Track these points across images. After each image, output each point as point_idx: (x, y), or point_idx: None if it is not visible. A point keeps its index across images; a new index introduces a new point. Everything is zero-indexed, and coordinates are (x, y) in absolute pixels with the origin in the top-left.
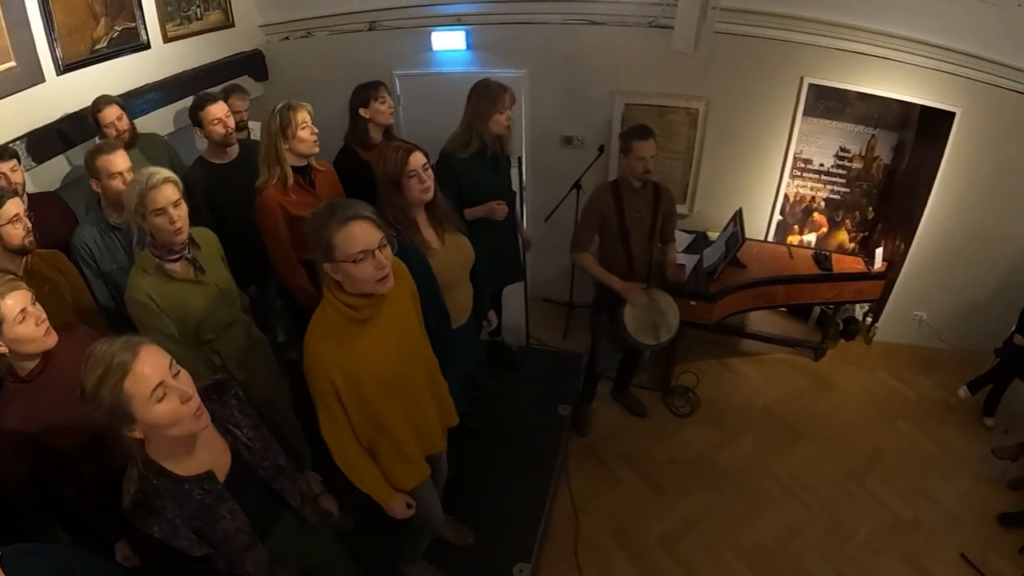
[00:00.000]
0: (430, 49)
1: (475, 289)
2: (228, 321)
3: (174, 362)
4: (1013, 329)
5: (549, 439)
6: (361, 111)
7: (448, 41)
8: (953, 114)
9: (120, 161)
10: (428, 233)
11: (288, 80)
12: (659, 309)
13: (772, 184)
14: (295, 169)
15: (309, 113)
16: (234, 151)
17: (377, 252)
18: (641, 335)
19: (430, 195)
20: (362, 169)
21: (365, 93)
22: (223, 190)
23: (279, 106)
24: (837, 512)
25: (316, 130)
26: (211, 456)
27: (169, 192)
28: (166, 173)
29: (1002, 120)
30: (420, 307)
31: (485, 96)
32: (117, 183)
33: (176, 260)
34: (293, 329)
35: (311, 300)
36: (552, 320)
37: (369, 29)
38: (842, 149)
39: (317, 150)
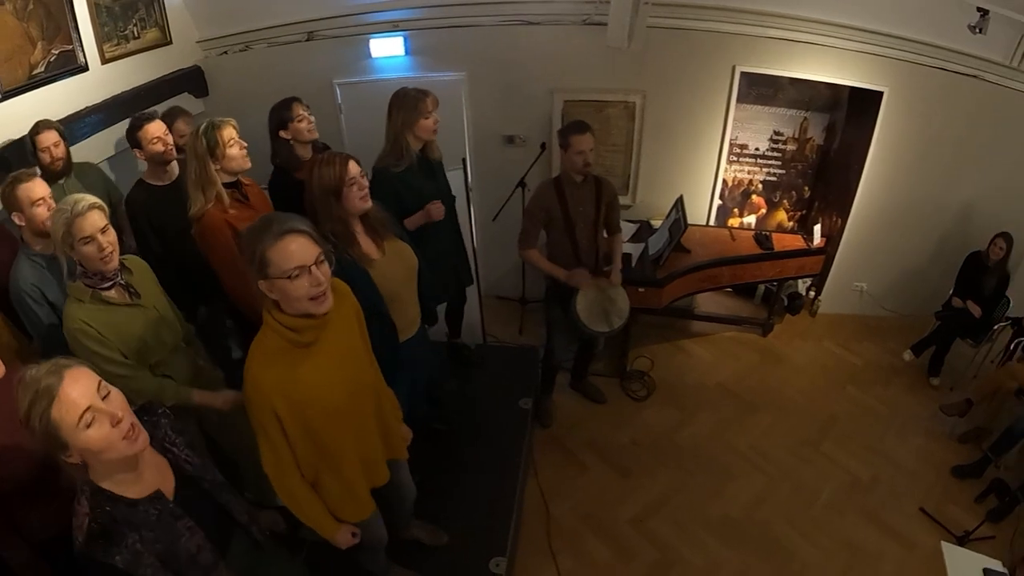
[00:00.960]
0: (369, 56)
1: (423, 296)
2: (172, 344)
3: (103, 383)
4: (951, 292)
5: (513, 433)
6: (282, 133)
7: (386, 47)
8: (881, 93)
9: (40, 188)
10: (367, 244)
11: (228, 95)
12: (609, 297)
13: (710, 170)
14: (227, 186)
15: (235, 128)
16: (174, 171)
17: (314, 268)
18: (594, 323)
19: (368, 203)
20: (298, 190)
21: (281, 115)
22: (165, 211)
23: (202, 127)
24: (798, 478)
25: (245, 144)
26: (156, 476)
27: (96, 219)
28: (91, 199)
29: (927, 96)
30: (366, 330)
31: (406, 105)
32: (42, 210)
33: (110, 287)
34: (248, 346)
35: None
36: (506, 316)
37: (307, 39)
38: (776, 133)
39: (249, 164)
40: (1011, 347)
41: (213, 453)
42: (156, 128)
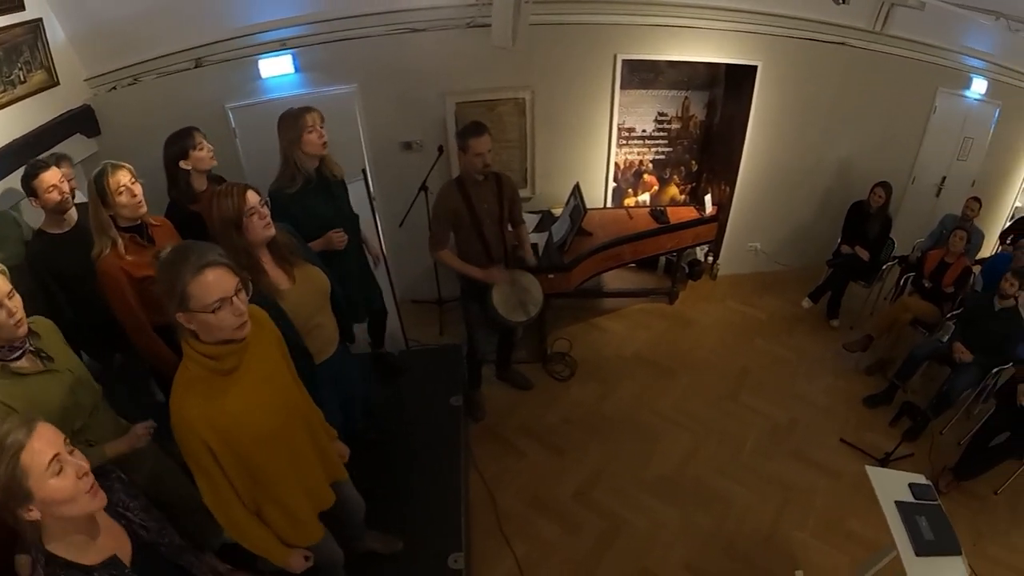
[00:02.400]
0: (259, 77)
1: (339, 314)
2: (91, 405)
3: (68, 440)
4: (839, 241)
5: (448, 431)
6: (182, 163)
7: (276, 67)
8: (755, 67)
9: None
10: (275, 273)
11: (121, 131)
12: (522, 287)
13: (602, 156)
14: (130, 228)
15: (129, 172)
16: (72, 218)
17: (235, 299)
18: (511, 314)
19: (272, 231)
20: (194, 223)
21: (180, 144)
22: (67, 260)
23: (95, 172)
24: (722, 430)
25: (137, 191)
26: (111, 541)
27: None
28: None
29: (799, 66)
30: (288, 353)
31: (288, 123)
32: None
33: (19, 356)
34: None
35: (171, 367)
36: (425, 319)
37: (196, 66)
38: (660, 114)
39: (143, 210)
40: (900, 283)
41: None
42: (52, 176)
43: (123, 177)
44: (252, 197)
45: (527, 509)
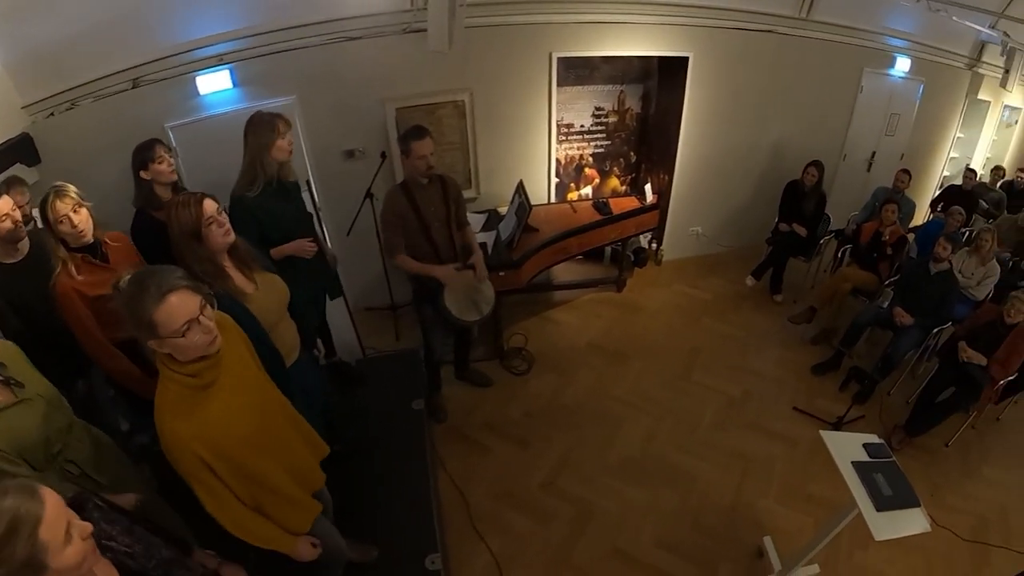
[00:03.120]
0: (198, 94)
1: (297, 322)
2: (67, 424)
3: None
4: (777, 220)
5: (413, 435)
6: (142, 174)
7: (214, 83)
8: (686, 59)
9: None
10: (238, 278)
11: (62, 157)
12: (474, 286)
13: (543, 152)
14: (84, 248)
15: (72, 198)
16: (25, 246)
17: (201, 318)
18: (465, 314)
19: (232, 237)
20: (162, 230)
21: (142, 155)
22: (23, 289)
23: (43, 197)
24: (679, 409)
25: (79, 219)
26: None
27: None
28: None
29: (729, 55)
30: (255, 352)
31: (261, 126)
32: None
33: None
34: (133, 415)
35: (138, 383)
36: (380, 326)
37: (133, 87)
38: (597, 108)
39: (88, 238)
40: (838, 255)
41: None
42: (4, 205)
43: (63, 206)
44: (210, 206)
45: (498, 504)
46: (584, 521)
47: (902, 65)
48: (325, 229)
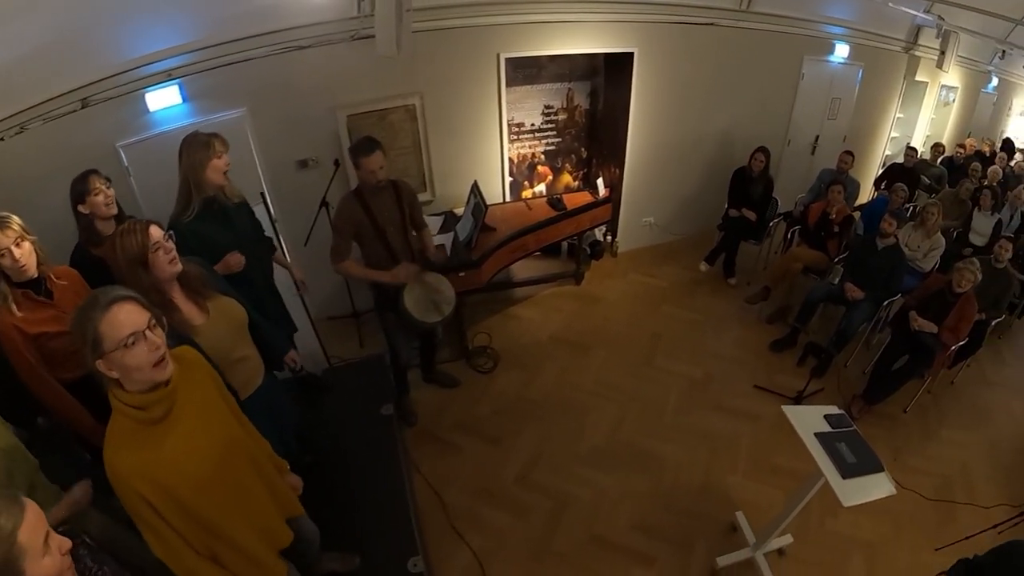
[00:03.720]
0: (147, 111)
1: (262, 341)
2: (27, 484)
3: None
4: (727, 206)
5: (385, 441)
6: (80, 208)
7: (163, 99)
8: (632, 54)
9: None
10: (188, 309)
11: (12, 183)
12: (433, 288)
13: (496, 153)
14: (27, 283)
15: (15, 231)
16: None
17: (148, 333)
18: (426, 315)
19: (178, 266)
20: (97, 268)
21: (77, 188)
22: None
23: None
24: (644, 396)
25: (20, 252)
26: None
27: None
28: None
29: (672, 49)
30: (225, 388)
31: (195, 146)
32: None
33: None
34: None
35: (85, 427)
36: (344, 334)
37: (83, 107)
38: (546, 107)
39: (32, 273)
40: (788, 237)
41: None
42: None
43: (5, 239)
44: (155, 232)
45: (474, 502)
46: (560, 511)
47: (841, 51)
48: (283, 243)
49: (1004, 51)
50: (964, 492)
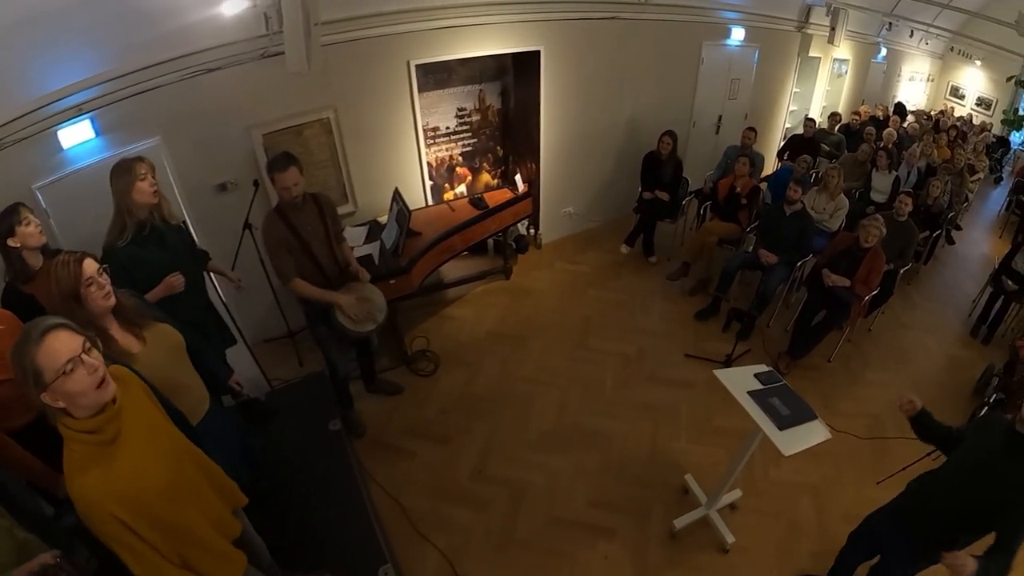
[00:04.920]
0: (61, 149)
1: (204, 368)
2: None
3: None
4: (640, 189)
5: (336, 456)
6: (10, 242)
7: (76, 135)
8: (538, 52)
9: None
10: (125, 339)
11: None
12: (364, 297)
13: (414, 158)
14: None
15: None
16: None
17: (85, 356)
18: (361, 326)
19: (112, 300)
20: (30, 306)
21: (7, 220)
22: None
23: None
24: (583, 377)
25: None
26: None
27: None
28: None
29: (578, 44)
30: (157, 401)
31: (120, 172)
32: None
33: None
34: (54, 498)
35: (39, 473)
36: (281, 355)
37: None
38: (459, 109)
39: None
40: (701, 213)
41: None
42: None
43: None
44: (90, 266)
45: (434, 503)
46: (519, 499)
47: (737, 35)
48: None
49: (891, 23)
50: (895, 427)
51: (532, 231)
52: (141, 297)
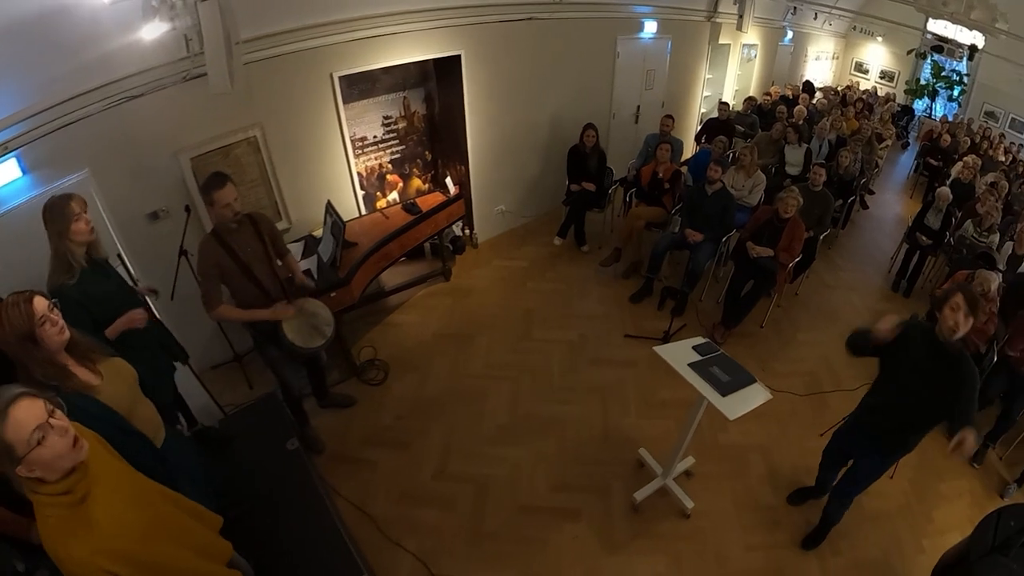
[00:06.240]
0: None
1: (154, 398)
2: None
3: None
4: (568, 182)
5: (298, 475)
6: None
7: (3, 174)
8: (459, 56)
9: None
10: (83, 373)
11: None
12: (310, 312)
13: (344, 169)
14: None
15: None
16: None
17: (52, 421)
18: (309, 341)
19: (67, 335)
20: None
21: None
22: None
23: None
24: (531, 368)
25: None
26: None
27: None
28: None
29: (497, 46)
30: (111, 446)
31: (54, 214)
32: None
33: None
34: (26, 553)
35: (8, 524)
36: (231, 380)
37: None
38: (385, 118)
39: None
40: (627, 199)
41: None
42: None
43: None
44: (40, 303)
45: (401, 508)
46: (483, 494)
47: (650, 28)
48: (148, 300)
49: (795, 7)
50: (830, 382)
51: (467, 231)
52: (90, 333)
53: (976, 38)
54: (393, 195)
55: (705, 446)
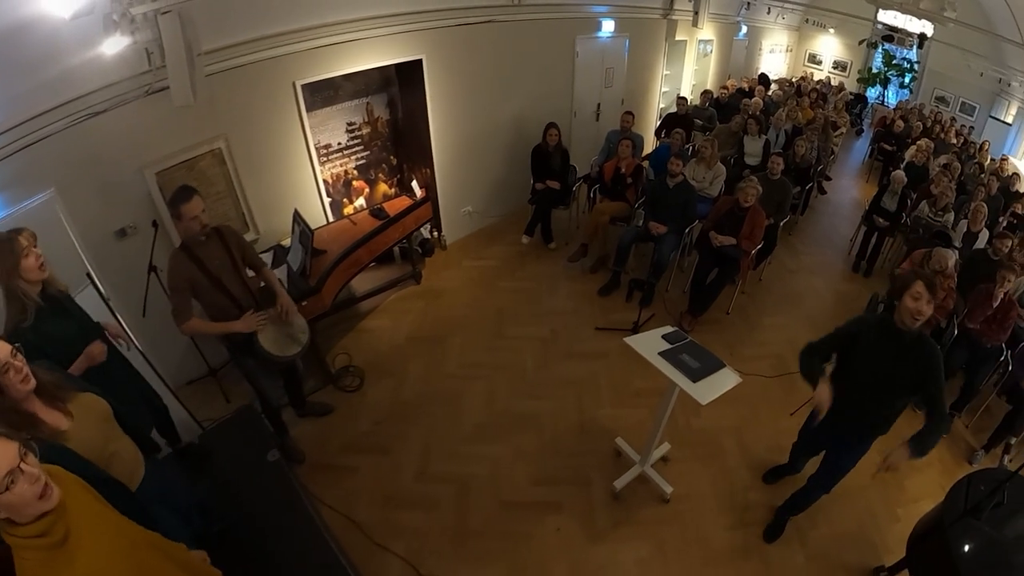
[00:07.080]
0: None
1: (126, 426)
2: None
3: None
4: (532, 181)
5: (280, 486)
6: None
7: None
8: (420, 61)
9: None
10: (52, 417)
11: None
12: (286, 322)
13: (309, 177)
14: None
15: None
16: None
17: (24, 466)
18: (285, 350)
19: (32, 383)
20: None
21: None
22: None
23: None
24: (505, 365)
25: None
26: None
27: None
28: None
29: (457, 49)
30: (92, 488)
31: (1, 251)
32: None
33: None
34: None
35: None
36: (207, 394)
37: None
38: (349, 124)
39: None
40: (591, 196)
41: None
42: None
43: None
44: (2, 350)
45: (386, 512)
46: (465, 493)
47: (608, 27)
48: (121, 320)
49: (749, 2)
50: (797, 363)
51: (436, 234)
52: (57, 367)
53: (925, 27)
54: (360, 201)
55: (680, 432)
